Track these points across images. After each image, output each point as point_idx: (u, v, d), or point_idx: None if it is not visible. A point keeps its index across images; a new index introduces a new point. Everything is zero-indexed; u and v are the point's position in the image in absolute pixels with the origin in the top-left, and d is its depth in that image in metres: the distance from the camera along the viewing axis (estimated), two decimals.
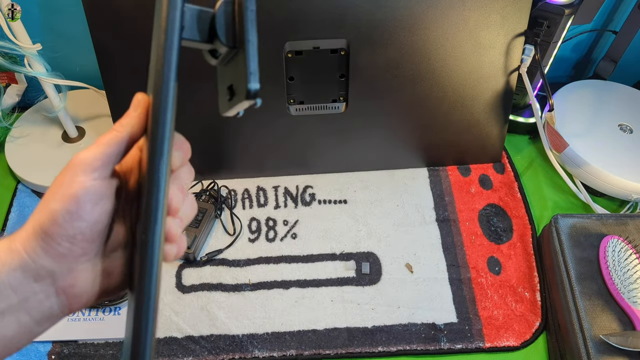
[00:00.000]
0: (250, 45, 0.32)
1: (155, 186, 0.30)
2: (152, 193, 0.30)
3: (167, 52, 0.31)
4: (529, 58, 0.84)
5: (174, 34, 0.31)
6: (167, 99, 0.31)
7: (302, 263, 0.82)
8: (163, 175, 0.30)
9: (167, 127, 0.30)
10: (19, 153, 0.91)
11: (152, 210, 0.30)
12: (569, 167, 0.91)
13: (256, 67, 0.32)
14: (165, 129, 0.30)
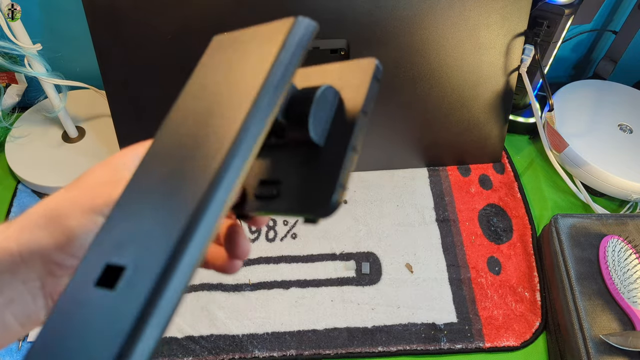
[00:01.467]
0: (351, 153, 0.25)
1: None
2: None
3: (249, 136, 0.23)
4: (529, 58, 0.84)
5: (269, 109, 0.23)
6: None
7: (302, 263, 0.82)
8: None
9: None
10: (19, 153, 0.91)
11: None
12: (568, 167, 0.91)
13: (348, 178, 0.25)
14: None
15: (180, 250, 0.20)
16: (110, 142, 0.91)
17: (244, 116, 0.23)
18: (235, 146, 0.22)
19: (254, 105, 0.23)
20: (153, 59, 0.78)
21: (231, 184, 0.21)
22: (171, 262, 0.19)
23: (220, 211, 0.21)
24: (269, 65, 0.24)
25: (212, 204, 0.21)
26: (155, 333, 0.19)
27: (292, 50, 0.25)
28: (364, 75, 0.27)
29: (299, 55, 0.25)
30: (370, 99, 0.26)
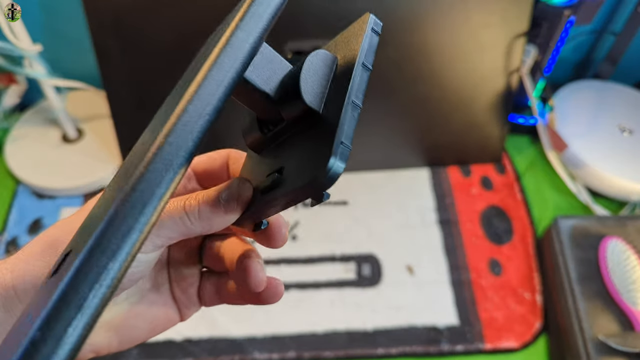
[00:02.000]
0: (349, 108, 0.21)
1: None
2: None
3: (210, 87, 0.20)
4: (529, 59, 0.84)
5: (234, 64, 0.21)
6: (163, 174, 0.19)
7: (302, 265, 0.82)
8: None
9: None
10: (19, 154, 0.91)
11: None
12: (569, 167, 0.91)
13: (351, 137, 0.21)
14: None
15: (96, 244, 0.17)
16: (110, 142, 0.91)
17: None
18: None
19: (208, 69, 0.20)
20: (152, 59, 0.78)
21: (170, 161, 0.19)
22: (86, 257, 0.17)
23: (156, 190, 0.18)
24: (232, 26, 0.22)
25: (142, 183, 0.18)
26: (73, 315, 0.16)
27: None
28: (360, 29, 0.25)
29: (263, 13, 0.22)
30: (368, 50, 0.24)
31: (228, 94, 0.21)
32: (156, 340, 0.74)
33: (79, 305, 0.16)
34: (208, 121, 0.20)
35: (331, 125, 0.22)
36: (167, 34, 0.75)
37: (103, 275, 0.17)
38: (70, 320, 0.16)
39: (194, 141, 0.19)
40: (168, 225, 0.24)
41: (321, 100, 0.24)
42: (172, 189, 0.19)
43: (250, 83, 0.24)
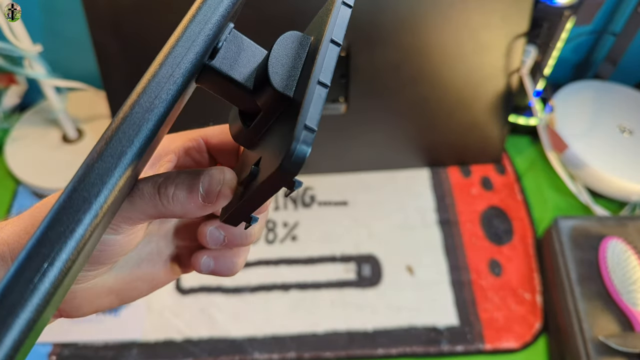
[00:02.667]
0: (316, 89, 0.20)
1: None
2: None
3: (158, 82, 0.20)
4: (529, 59, 0.84)
5: (191, 49, 0.21)
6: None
7: (302, 265, 0.82)
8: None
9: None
10: (19, 154, 0.91)
11: None
12: (569, 168, 0.91)
13: (317, 119, 0.19)
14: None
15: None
16: None
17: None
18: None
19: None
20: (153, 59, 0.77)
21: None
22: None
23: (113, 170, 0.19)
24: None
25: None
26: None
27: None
28: (332, 4, 0.23)
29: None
30: (337, 25, 0.22)
31: (179, 87, 0.20)
32: (156, 340, 0.74)
33: (27, 290, 0.16)
34: (159, 115, 0.20)
35: (298, 105, 0.20)
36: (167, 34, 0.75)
37: (48, 263, 0.17)
38: (18, 304, 0.16)
39: (144, 135, 0.19)
40: (139, 206, 0.23)
41: (293, 83, 0.22)
42: (117, 188, 0.19)
43: (218, 72, 0.23)
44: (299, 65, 0.23)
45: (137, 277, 0.28)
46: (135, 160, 0.19)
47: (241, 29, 0.25)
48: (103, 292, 0.27)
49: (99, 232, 0.19)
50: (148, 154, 0.21)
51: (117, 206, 0.20)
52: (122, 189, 0.19)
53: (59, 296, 0.18)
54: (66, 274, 0.17)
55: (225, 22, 0.22)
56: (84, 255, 0.18)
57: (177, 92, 0.20)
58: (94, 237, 0.19)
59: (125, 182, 0.19)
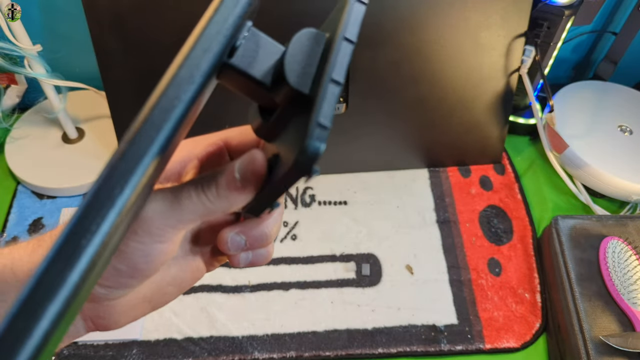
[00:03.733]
0: (328, 85, 0.21)
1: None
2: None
3: (180, 79, 0.21)
4: (529, 59, 0.84)
5: (211, 48, 0.22)
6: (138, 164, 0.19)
7: (302, 264, 0.82)
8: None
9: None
10: (19, 154, 0.91)
11: None
12: (569, 168, 0.91)
13: (330, 116, 0.20)
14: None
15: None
16: (110, 143, 0.91)
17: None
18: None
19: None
20: (153, 60, 0.78)
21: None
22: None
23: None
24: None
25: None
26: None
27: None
28: (346, 2, 0.24)
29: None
30: (351, 22, 0.22)
31: (198, 88, 0.21)
32: (156, 339, 0.74)
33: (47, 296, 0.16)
34: (179, 115, 0.21)
35: (313, 103, 0.21)
36: (167, 34, 0.75)
37: (61, 280, 0.17)
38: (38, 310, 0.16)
39: (164, 135, 0.20)
40: (187, 208, 0.24)
41: (308, 80, 0.23)
42: (140, 186, 0.19)
43: (237, 70, 0.24)
44: (315, 63, 0.24)
45: (167, 282, 0.28)
46: (158, 158, 0.20)
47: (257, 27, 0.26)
48: (138, 302, 0.28)
49: (122, 230, 0.19)
50: (169, 153, 0.21)
51: (141, 203, 0.21)
52: (145, 187, 0.20)
53: (85, 290, 0.18)
54: (95, 264, 0.18)
55: (242, 22, 0.23)
56: (109, 250, 0.19)
57: (196, 92, 0.21)
58: (118, 234, 0.19)
59: (148, 180, 0.20)
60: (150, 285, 0.27)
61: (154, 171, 0.20)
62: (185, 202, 0.24)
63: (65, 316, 0.17)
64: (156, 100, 0.21)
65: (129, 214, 0.19)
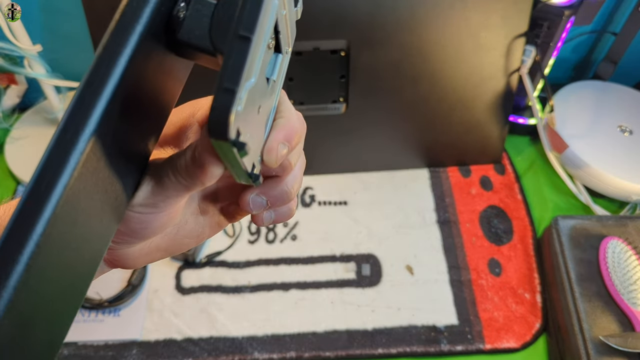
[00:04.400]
0: (236, 45, 0.19)
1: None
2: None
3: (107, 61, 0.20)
4: (529, 59, 0.84)
5: (135, 21, 0.21)
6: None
7: (302, 265, 0.82)
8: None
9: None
10: (19, 154, 0.91)
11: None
12: (569, 168, 0.91)
13: (238, 76, 0.18)
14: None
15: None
16: None
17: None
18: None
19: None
20: None
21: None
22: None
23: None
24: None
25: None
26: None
27: None
28: None
29: None
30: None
31: (127, 62, 0.21)
32: (156, 339, 0.74)
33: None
34: (109, 93, 0.20)
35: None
36: None
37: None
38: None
39: (98, 114, 0.20)
40: (168, 185, 0.25)
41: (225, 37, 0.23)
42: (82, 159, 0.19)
43: (183, 43, 0.23)
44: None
45: (183, 235, 0.30)
46: (94, 137, 0.20)
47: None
48: (152, 250, 0.29)
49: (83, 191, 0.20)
50: (118, 128, 0.21)
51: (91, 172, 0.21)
52: (88, 165, 0.20)
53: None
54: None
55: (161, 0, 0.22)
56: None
57: (124, 69, 0.21)
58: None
59: (91, 156, 0.20)
60: (164, 238, 0.29)
61: (100, 145, 0.20)
62: (166, 181, 0.25)
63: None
64: (86, 78, 0.20)
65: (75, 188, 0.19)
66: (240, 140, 0.19)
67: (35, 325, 0.19)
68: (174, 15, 0.23)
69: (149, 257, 0.29)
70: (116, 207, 0.23)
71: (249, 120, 0.20)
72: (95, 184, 0.20)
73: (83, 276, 0.22)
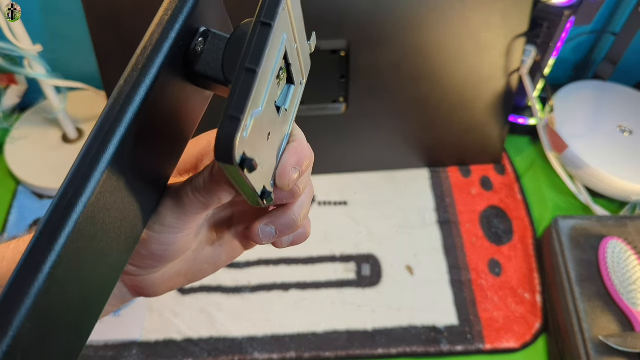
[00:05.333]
0: (242, 76, 0.21)
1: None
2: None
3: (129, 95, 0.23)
4: (529, 59, 0.84)
5: (155, 58, 0.24)
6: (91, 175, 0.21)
7: (302, 265, 0.82)
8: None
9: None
10: (19, 154, 0.91)
11: None
12: (569, 168, 0.91)
13: (243, 105, 0.20)
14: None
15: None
16: None
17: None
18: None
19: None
20: None
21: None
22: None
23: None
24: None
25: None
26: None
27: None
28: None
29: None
30: (268, 4, 0.21)
31: (145, 94, 0.23)
32: (156, 339, 0.74)
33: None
34: (125, 127, 0.22)
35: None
36: None
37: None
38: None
39: (110, 152, 0.21)
40: (187, 204, 0.26)
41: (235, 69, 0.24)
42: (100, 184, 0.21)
43: (200, 75, 0.25)
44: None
45: (202, 261, 0.31)
46: (111, 165, 0.21)
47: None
48: (173, 276, 0.30)
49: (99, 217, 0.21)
50: (135, 156, 0.23)
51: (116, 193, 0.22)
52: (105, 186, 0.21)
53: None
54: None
55: (186, 27, 0.24)
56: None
57: (142, 100, 0.23)
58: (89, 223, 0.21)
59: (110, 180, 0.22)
60: (184, 263, 0.30)
61: (119, 167, 0.22)
62: (185, 200, 0.26)
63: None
64: (109, 104, 0.22)
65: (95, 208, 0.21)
66: (247, 164, 0.21)
67: (54, 332, 0.20)
68: (192, 49, 0.25)
69: (171, 282, 0.30)
70: (134, 226, 0.24)
71: (257, 146, 0.22)
72: (115, 203, 0.22)
73: (100, 289, 0.23)
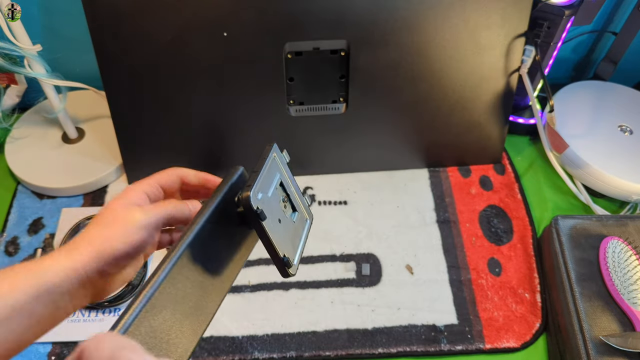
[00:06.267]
0: (253, 174, 0.42)
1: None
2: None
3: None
4: (529, 59, 0.84)
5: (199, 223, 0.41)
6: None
7: (302, 264, 0.82)
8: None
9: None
10: (19, 154, 0.91)
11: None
12: (569, 168, 0.91)
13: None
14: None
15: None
16: (110, 143, 0.91)
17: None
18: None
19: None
20: (153, 59, 0.78)
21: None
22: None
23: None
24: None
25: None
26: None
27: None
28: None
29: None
30: (261, 157, 0.44)
31: (193, 238, 0.41)
32: None
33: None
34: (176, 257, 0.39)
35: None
36: (167, 34, 0.75)
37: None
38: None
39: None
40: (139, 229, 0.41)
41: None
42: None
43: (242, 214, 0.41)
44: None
45: (136, 267, 0.45)
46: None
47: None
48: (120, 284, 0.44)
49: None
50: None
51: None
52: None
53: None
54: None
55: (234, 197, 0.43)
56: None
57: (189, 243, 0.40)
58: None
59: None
60: (126, 271, 0.43)
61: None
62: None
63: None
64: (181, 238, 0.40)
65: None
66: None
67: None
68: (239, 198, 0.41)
69: (114, 285, 0.43)
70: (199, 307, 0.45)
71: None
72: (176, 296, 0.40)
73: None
